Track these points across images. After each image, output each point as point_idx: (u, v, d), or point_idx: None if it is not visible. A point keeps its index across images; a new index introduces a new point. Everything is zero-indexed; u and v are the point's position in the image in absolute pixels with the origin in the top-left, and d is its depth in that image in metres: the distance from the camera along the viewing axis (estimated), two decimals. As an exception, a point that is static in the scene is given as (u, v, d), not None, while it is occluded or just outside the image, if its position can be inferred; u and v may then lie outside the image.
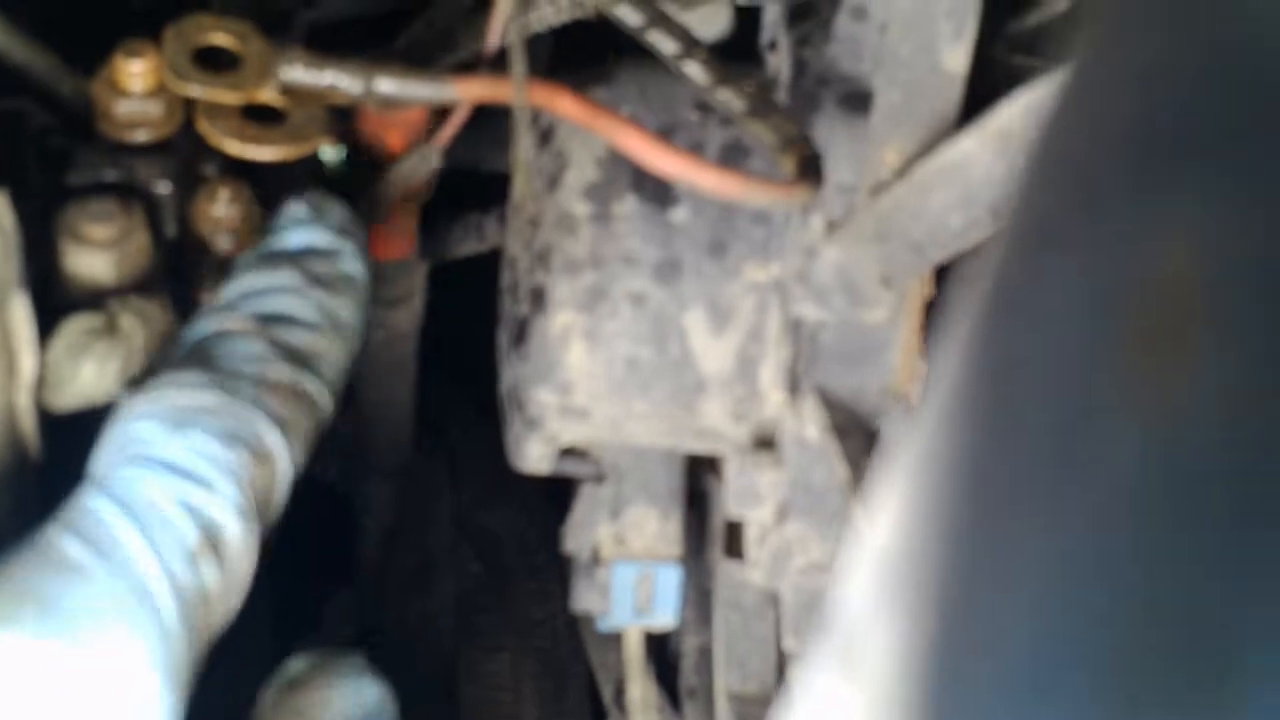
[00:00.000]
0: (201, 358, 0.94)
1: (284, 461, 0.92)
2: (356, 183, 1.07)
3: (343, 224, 1.01)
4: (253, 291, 0.97)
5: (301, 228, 1.00)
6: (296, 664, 1.04)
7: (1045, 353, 0.31)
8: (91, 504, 0.86)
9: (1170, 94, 0.29)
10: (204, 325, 0.96)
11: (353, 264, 1.01)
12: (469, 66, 1.06)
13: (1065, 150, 0.31)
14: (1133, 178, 0.29)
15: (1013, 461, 0.32)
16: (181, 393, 0.90)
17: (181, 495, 0.87)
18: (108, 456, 0.89)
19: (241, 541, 0.89)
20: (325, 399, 0.97)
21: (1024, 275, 0.32)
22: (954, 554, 0.35)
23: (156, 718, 0.84)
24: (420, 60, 1.06)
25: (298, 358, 0.95)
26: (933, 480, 0.36)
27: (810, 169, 1.00)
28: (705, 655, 1.32)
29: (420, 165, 1.05)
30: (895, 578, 0.38)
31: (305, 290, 0.97)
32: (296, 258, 0.99)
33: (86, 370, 0.94)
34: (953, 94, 1.00)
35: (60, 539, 0.85)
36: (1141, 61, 0.30)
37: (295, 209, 1.01)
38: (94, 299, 0.96)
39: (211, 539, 0.87)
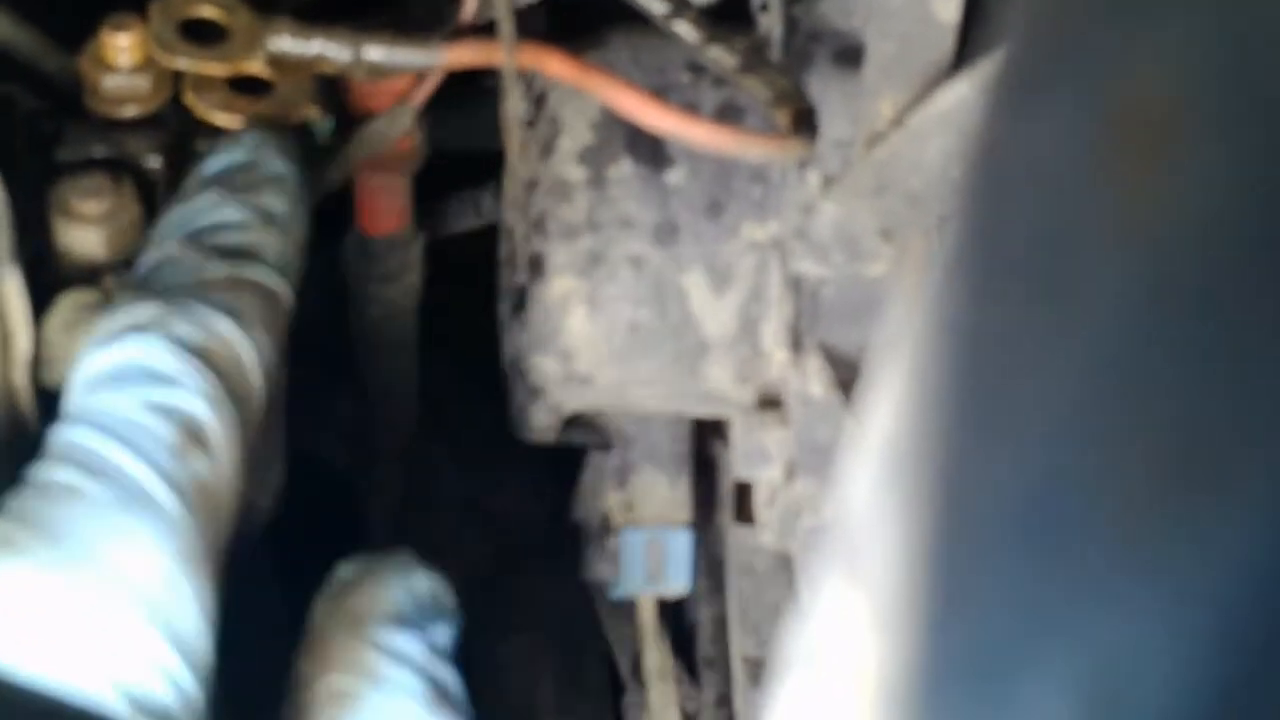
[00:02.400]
0: (138, 288, 0.93)
1: (244, 345, 0.90)
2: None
3: (258, 137, 0.99)
4: (176, 221, 0.95)
5: (214, 155, 0.99)
6: (345, 569, 1.02)
7: (1026, 200, 0.30)
8: (66, 436, 0.85)
9: None
10: (138, 269, 0.95)
11: (275, 164, 0.98)
12: (458, 36, 1.05)
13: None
14: (1110, 7, 0.28)
15: (999, 316, 0.31)
16: (119, 315, 0.89)
17: (147, 399, 0.85)
18: (70, 396, 0.88)
19: (221, 427, 0.87)
20: (277, 283, 0.94)
21: (1002, 125, 0.31)
22: (949, 427, 0.34)
23: (179, 602, 0.83)
24: (408, 30, 1.05)
25: (235, 254, 0.93)
26: (925, 364, 0.36)
27: (805, 122, 0.99)
28: (720, 625, 1.31)
29: (392, 125, 1.04)
30: (894, 466, 0.37)
31: (226, 199, 0.95)
32: (211, 180, 0.97)
33: (82, 345, 0.93)
34: (945, 43, 0.99)
35: (45, 472, 0.84)
36: None
37: (211, 146, 1.00)
38: (88, 275, 0.96)
39: (191, 431, 0.86)
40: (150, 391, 0.86)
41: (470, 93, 1.20)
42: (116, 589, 0.82)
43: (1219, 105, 0.25)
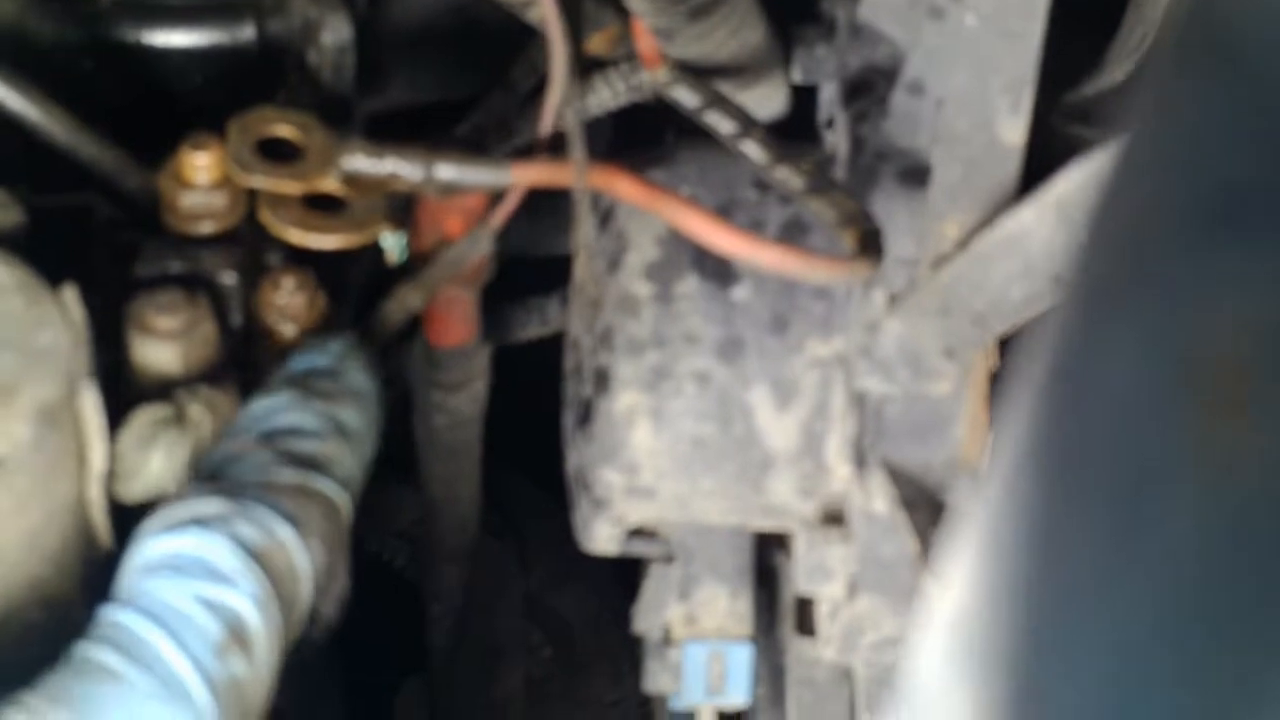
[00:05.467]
0: (209, 478, 0.95)
1: (300, 555, 0.93)
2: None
3: (345, 346, 1.03)
4: (255, 416, 0.98)
5: (302, 356, 1.02)
6: None
7: (1106, 421, 0.31)
8: (115, 617, 0.88)
9: (1223, 166, 0.29)
10: (211, 458, 0.97)
11: (357, 379, 1.02)
12: (527, 152, 1.07)
13: (1122, 221, 0.32)
14: (1188, 249, 0.29)
15: (1077, 525, 0.32)
16: (187, 505, 0.92)
17: (200, 593, 0.88)
18: (126, 576, 0.90)
19: (264, 631, 0.90)
20: (340, 498, 0.98)
21: (1083, 344, 0.32)
22: (1023, 621, 0.35)
23: None
24: (479, 147, 1.07)
25: (305, 462, 0.96)
26: (999, 548, 0.36)
27: (870, 244, 1.00)
28: (779, 735, 1.31)
29: (471, 248, 1.06)
30: (966, 645, 0.38)
31: (307, 404, 0.99)
32: (297, 379, 1.01)
33: (155, 460, 0.95)
34: (1011, 166, 1.00)
35: (88, 650, 0.86)
36: (1196, 133, 0.30)
37: (300, 345, 1.04)
38: (162, 390, 0.97)
39: (235, 631, 0.88)
40: (205, 586, 0.88)
41: (533, 199, 1.21)
42: None
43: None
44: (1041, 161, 0.98)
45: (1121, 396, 0.30)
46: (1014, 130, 0.98)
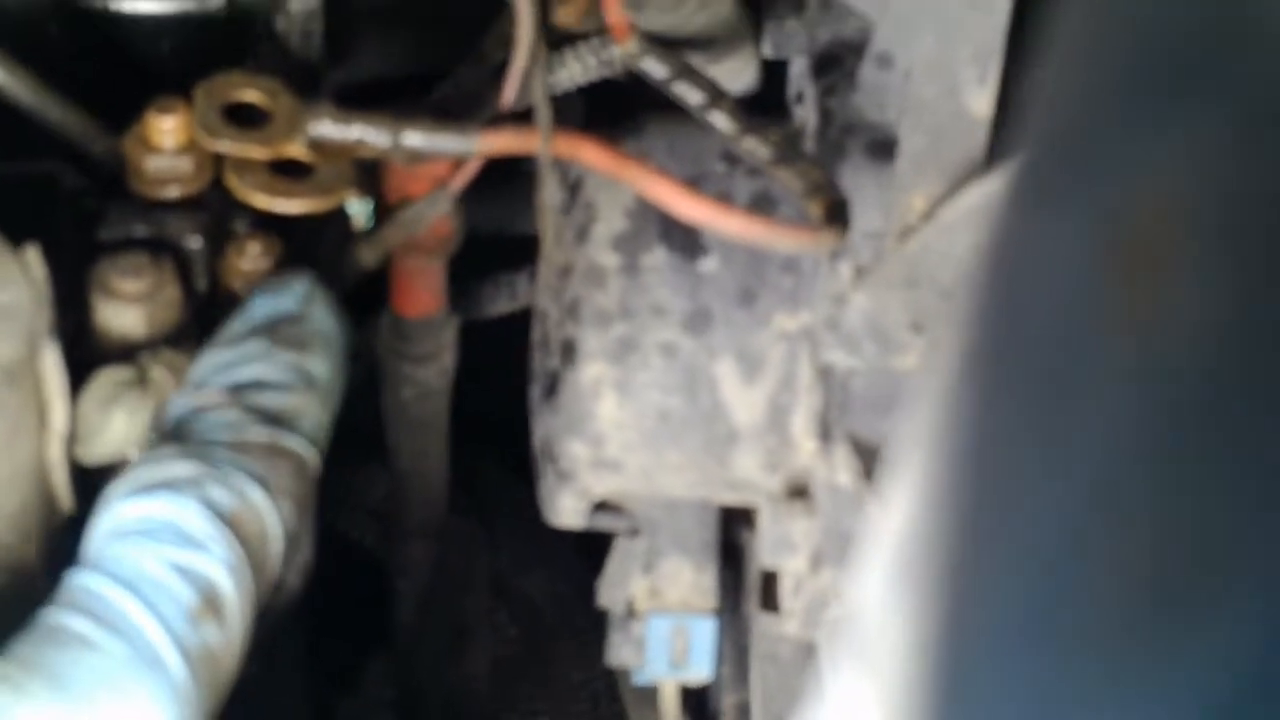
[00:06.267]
0: (176, 436, 0.94)
1: (271, 517, 0.92)
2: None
3: (308, 286, 1.02)
4: (221, 365, 0.97)
5: (264, 300, 1.01)
6: None
7: (1036, 300, 0.31)
8: (85, 582, 0.87)
9: (1160, 36, 0.29)
10: (175, 408, 0.96)
11: (322, 321, 1.01)
12: (497, 123, 1.07)
13: (1059, 101, 0.32)
14: (1121, 119, 0.29)
15: (1009, 419, 0.32)
16: (157, 467, 0.91)
17: (172, 559, 0.88)
18: (94, 540, 0.90)
19: (236, 597, 0.89)
20: (309, 454, 0.97)
21: (1018, 229, 0.32)
22: (958, 528, 0.35)
23: None
24: (447, 116, 1.06)
25: (273, 418, 0.96)
26: (937, 458, 0.36)
27: (837, 214, 1.00)
28: (744, 713, 1.31)
29: (429, 209, 1.06)
30: (905, 564, 0.38)
31: (273, 354, 0.98)
32: (262, 327, 0.99)
33: (117, 422, 0.94)
34: (978, 137, 1.00)
35: (60, 617, 0.85)
36: (1133, 8, 0.30)
37: (260, 285, 1.02)
38: (126, 353, 0.97)
39: (208, 598, 0.88)
40: (177, 552, 0.88)
41: (506, 177, 1.21)
42: None
43: (1213, 225, 0.26)
44: (1009, 135, 0.99)
45: (1048, 280, 0.30)
46: (981, 101, 0.98)
